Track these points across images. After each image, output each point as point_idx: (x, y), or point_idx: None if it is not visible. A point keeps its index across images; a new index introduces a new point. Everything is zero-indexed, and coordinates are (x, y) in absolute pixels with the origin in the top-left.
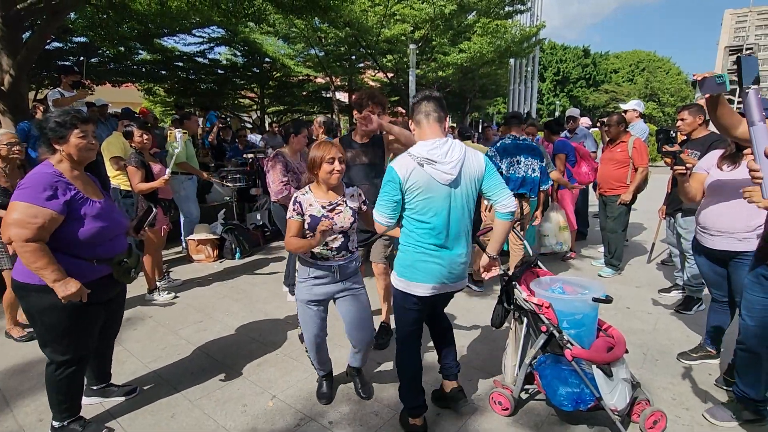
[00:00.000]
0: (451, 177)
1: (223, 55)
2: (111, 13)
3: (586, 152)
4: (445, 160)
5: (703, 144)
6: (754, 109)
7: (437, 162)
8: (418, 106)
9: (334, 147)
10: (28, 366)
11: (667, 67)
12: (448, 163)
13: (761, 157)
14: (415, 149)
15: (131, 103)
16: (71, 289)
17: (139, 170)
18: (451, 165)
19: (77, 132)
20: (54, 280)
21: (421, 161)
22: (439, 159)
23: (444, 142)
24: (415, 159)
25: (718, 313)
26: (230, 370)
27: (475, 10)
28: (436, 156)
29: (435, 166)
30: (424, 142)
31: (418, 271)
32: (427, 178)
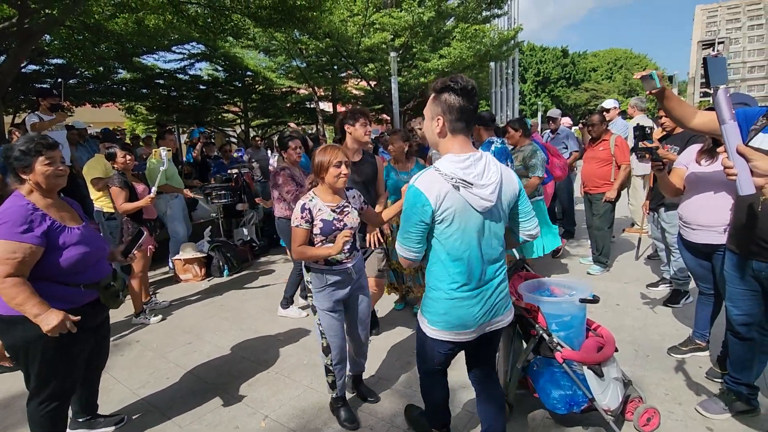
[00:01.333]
0: (489, 204)
1: (204, 71)
2: (87, 34)
3: (555, 149)
4: (482, 182)
5: (681, 139)
6: (724, 107)
7: (474, 185)
8: (446, 99)
9: (340, 151)
10: (12, 400)
11: (644, 64)
12: (485, 187)
13: (734, 155)
14: (446, 166)
15: (113, 122)
16: (52, 321)
17: (123, 191)
18: (491, 189)
19: (42, 159)
20: (35, 315)
21: (457, 183)
22: (476, 181)
23: (479, 158)
24: (449, 180)
25: (706, 305)
26: (221, 392)
27: (453, 16)
28: (472, 176)
29: (472, 190)
30: (456, 157)
31: (454, 318)
32: (463, 204)
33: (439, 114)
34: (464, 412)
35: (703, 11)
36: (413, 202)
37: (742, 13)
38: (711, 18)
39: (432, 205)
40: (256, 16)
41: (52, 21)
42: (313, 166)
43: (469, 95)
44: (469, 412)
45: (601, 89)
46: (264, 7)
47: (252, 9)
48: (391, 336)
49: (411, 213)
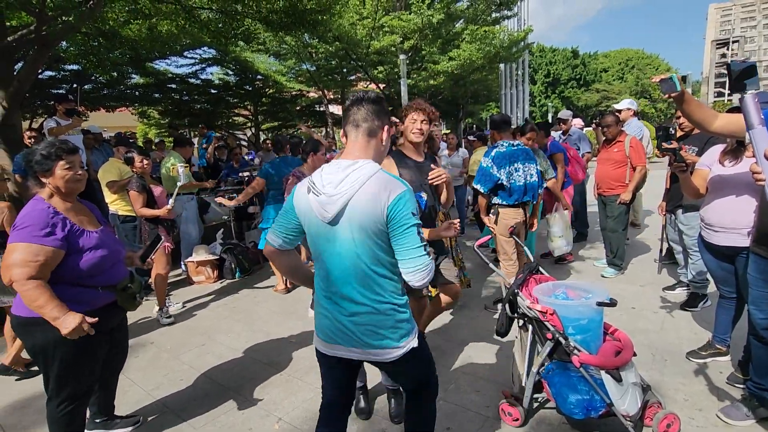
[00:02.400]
0: (327, 215)
1: (215, 75)
2: (102, 40)
3: (575, 152)
4: (330, 191)
5: (700, 140)
6: (753, 112)
7: (321, 193)
8: (347, 113)
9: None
10: (28, 402)
11: (656, 64)
12: (329, 196)
13: (762, 160)
14: (322, 168)
15: (126, 126)
16: (70, 324)
17: (141, 194)
18: (332, 200)
19: (62, 163)
20: (54, 318)
21: (309, 185)
22: (327, 189)
23: (347, 165)
24: (306, 182)
25: (727, 309)
26: (234, 394)
27: (463, 18)
28: (325, 183)
29: (318, 198)
30: (333, 163)
31: (318, 323)
32: (307, 208)
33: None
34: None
35: (717, 10)
36: (289, 197)
37: (758, 11)
38: (725, 17)
39: (293, 200)
40: (268, 20)
41: (69, 28)
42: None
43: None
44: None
45: (612, 90)
46: (275, 12)
47: (263, 13)
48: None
49: (286, 204)
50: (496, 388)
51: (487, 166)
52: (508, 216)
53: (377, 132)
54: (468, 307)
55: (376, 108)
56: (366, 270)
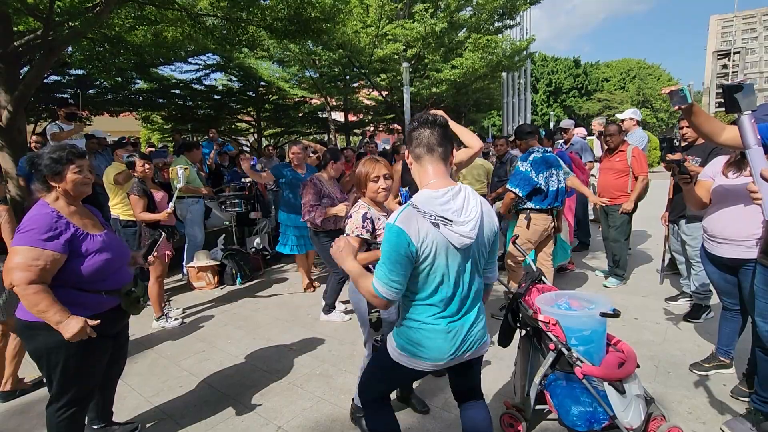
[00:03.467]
0: (469, 241)
1: (219, 81)
2: (107, 45)
3: (579, 161)
4: (462, 218)
5: (704, 150)
6: (749, 132)
7: (453, 221)
8: (418, 135)
9: (378, 164)
10: (28, 406)
11: (657, 74)
12: (465, 223)
13: (759, 179)
14: (423, 201)
15: (129, 131)
16: (73, 329)
17: (142, 199)
18: (470, 225)
19: (73, 167)
20: (57, 322)
21: (436, 220)
22: (454, 217)
23: (457, 191)
24: (427, 217)
25: (730, 321)
26: (234, 402)
27: (466, 26)
28: (451, 212)
29: (451, 227)
30: (433, 193)
31: (426, 348)
32: (443, 241)
33: (409, 149)
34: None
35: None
36: (396, 241)
37: (759, 22)
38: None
39: (414, 243)
40: (272, 27)
41: (75, 33)
42: (355, 177)
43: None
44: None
45: (614, 99)
46: (280, 19)
47: (268, 21)
48: None
49: (395, 251)
50: (498, 399)
51: (526, 171)
52: (540, 221)
53: (449, 157)
54: None
55: (446, 132)
56: (478, 283)
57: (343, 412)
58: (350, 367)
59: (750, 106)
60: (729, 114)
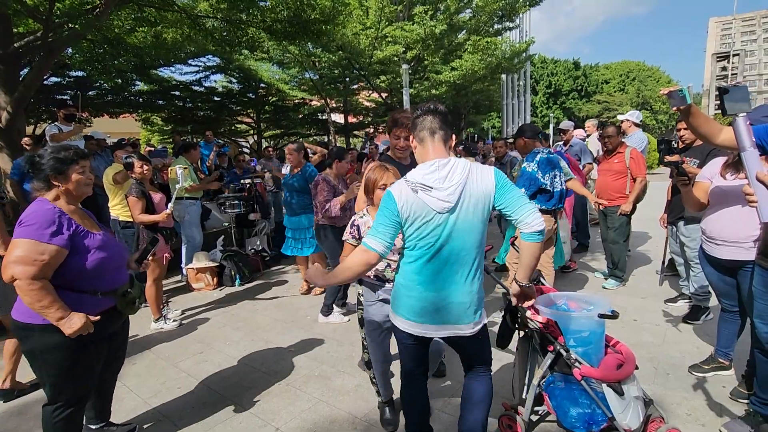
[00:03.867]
0: (448, 204)
1: (218, 83)
2: (107, 47)
3: (575, 163)
4: (443, 185)
5: (702, 152)
6: (744, 135)
7: (433, 188)
8: (421, 121)
9: (387, 173)
10: (25, 407)
11: (657, 76)
12: (445, 189)
13: (754, 182)
14: (411, 173)
15: (129, 132)
16: (76, 324)
17: (140, 200)
18: (450, 191)
19: (77, 168)
20: (58, 319)
21: (416, 187)
22: (436, 184)
23: (445, 163)
24: (410, 185)
25: (729, 322)
26: (232, 403)
27: (465, 28)
28: (432, 181)
29: (430, 193)
30: (423, 165)
31: (401, 305)
32: (421, 205)
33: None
34: None
35: (717, 23)
36: (385, 202)
37: (758, 25)
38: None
39: (397, 203)
40: (272, 29)
41: (75, 35)
42: (363, 183)
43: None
44: None
45: (613, 101)
46: (279, 21)
47: (268, 23)
48: None
49: (383, 209)
50: (497, 400)
51: (533, 171)
52: (545, 222)
53: (448, 140)
54: None
55: (445, 119)
56: (474, 251)
57: (341, 414)
58: (349, 368)
59: (737, 109)
60: (724, 117)
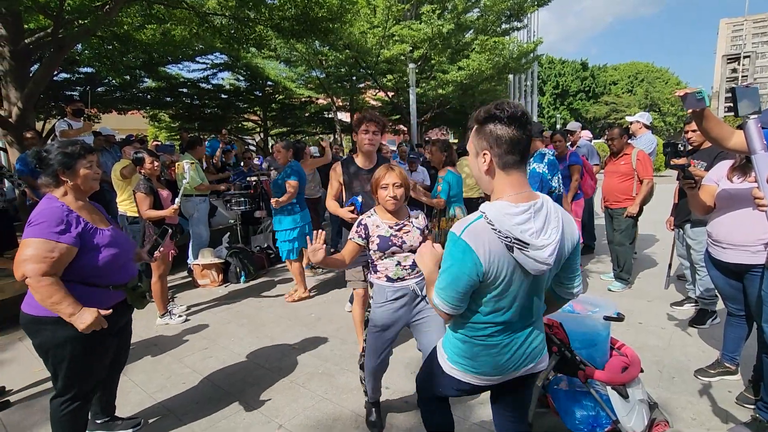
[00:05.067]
0: (545, 268)
1: (226, 80)
2: (116, 44)
3: (590, 167)
4: (539, 241)
5: (709, 155)
6: (755, 137)
7: (530, 245)
8: (488, 130)
9: (391, 172)
10: (32, 401)
11: (665, 77)
12: (545, 248)
13: (764, 184)
14: (498, 218)
15: (137, 129)
16: (88, 319)
17: (148, 197)
18: (549, 250)
19: (85, 162)
20: (70, 314)
21: (512, 243)
22: (533, 240)
23: (539, 207)
24: (503, 238)
25: (735, 327)
26: (236, 399)
27: (473, 28)
28: (529, 234)
29: (527, 252)
30: (512, 208)
31: (482, 364)
32: (514, 266)
33: (486, 148)
34: None
35: (728, 25)
36: (461, 258)
37: None
38: (736, 32)
39: (483, 264)
40: (279, 27)
41: (84, 31)
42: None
43: (520, 123)
44: None
45: (621, 103)
46: (287, 19)
47: (275, 20)
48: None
49: (458, 269)
50: None
51: (544, 173)
52: None
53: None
54: None
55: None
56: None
57: (345, 412)
58: (352, 366)
59: (749, 111)
60: (736, 118)
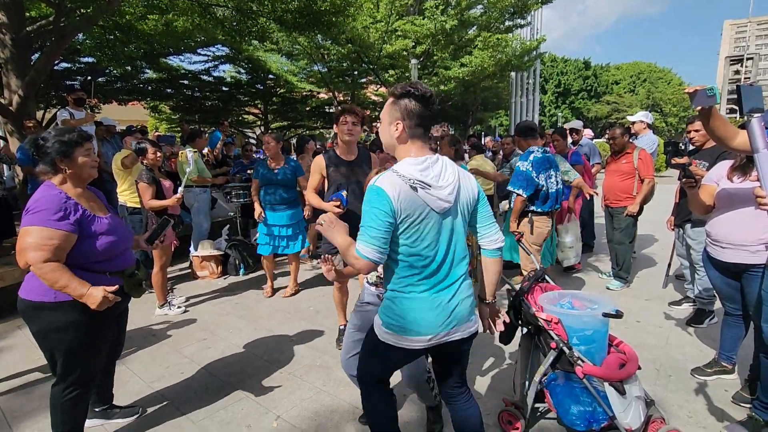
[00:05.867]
0: (447, 205)
1: (227, 73)
2: (118, 34)
3: (588, 167)
4: (440, 183)
5: (711, 155)
6: (758, 136)
7: (432, 186)
8: (403, 104)
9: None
10: (31, 387)
11: (668, 78)
12: (444, 188)
13: (767, 185)
14: (403, 168)
15: (137, 120)
16: (98, 297)
17: (150, 186)
18: (448, 190)
19: (82, 150)
20: (80, 294)
21: (415, 184)
22: (433, 182)
23: (435, 160)
24: (406, 180)
25: (733, 326)
26: (234, 390)
27: (476, 25)
28: (430, 178)
29: (430, 191)
30: (413, 160)
31: (411, 321)
32: (421, 204)
33: (399, 119)
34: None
35: (732, 26)
36: (376, 198)
37: None
38: (740, 33)
39: (393, 203)
40: (282, 19)
41: (86, 20)
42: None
43: (428, 102)
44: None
45: (623, 102)
46: (290, 11)
47: (278, 13)
48: None
49: (375, 208)
50: (497, 396)
51: (528, 171)
52: (542, 224)
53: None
54: None
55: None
56: (462, 251)
57: (343, 404)
58: None
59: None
60: (740, 118)
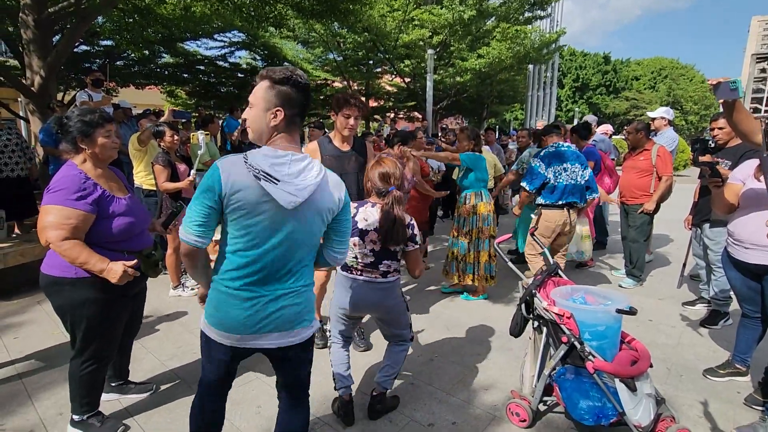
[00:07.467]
0: (296, 199)
1: (243, 59)
2: (137, 17)
3: (611, 165)
4: (293, 182)
5: (734, 154)
6: None
7: (281, 181)
8: (284, 91)
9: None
10: (50, 360)
11: (690, 75)
12: (296, 185)
13: None
14: (254, 157)
15: (153, 104)
16: (118, 272)
17: (166, 169)
18: (300, 186)
19: (103, 131)
20: (101, 269)
21: (259, 174)
22: (285, 179)
23: (300, 159)
24: (251, 168)
25: (749, 329)
26: (245, 371)
27: (495, 15)
28: (281, 174)
29: (277, 186)
30: (272, 152)
31: (220, 314)
32: (259, 195)
33: (279, 106)
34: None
35: (760, 22)
36: (208, 176)
37: None
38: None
39: (221, 183)
40: (300, 6)
41: (107, 2)
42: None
43: (307, 93)
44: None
45: (642, 99)
46: None
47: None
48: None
49: (198, 194)
50: (506, 388)
51: (536, 165)
52: (551, 218)
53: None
54: (477, 305)
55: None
56: (306, 255)
57: None
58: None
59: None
60: None
